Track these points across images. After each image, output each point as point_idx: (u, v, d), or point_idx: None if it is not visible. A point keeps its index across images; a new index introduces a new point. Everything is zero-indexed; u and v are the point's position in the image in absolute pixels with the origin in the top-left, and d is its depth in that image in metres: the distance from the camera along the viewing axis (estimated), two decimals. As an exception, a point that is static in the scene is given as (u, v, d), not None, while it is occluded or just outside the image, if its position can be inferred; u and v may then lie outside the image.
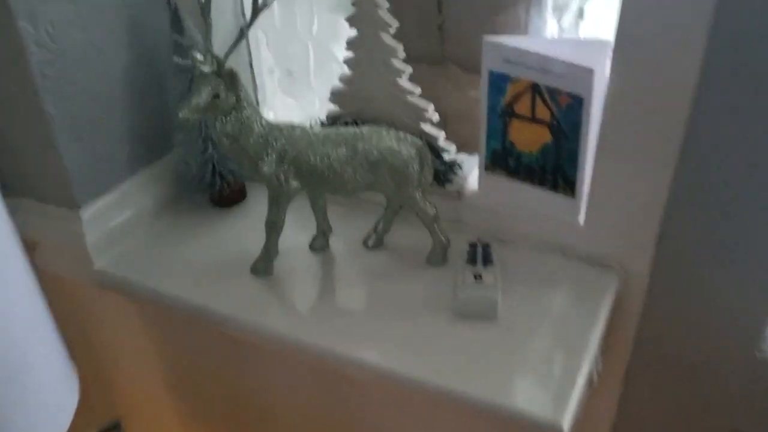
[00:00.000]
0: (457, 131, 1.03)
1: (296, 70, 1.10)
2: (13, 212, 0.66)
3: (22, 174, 0.90)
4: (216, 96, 0.73)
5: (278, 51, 1.09)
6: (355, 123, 0.98)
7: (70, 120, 0.84)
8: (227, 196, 1.00)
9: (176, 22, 0.87)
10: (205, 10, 0.72)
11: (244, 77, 1.08)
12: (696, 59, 0.68)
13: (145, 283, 0.89)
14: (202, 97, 0.73)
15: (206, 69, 0.72)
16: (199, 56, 0.73)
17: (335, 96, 0.99)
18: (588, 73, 0.75)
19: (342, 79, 0.97)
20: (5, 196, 0.69)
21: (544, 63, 0.79)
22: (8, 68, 0.79)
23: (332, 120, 1.01)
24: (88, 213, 0.91)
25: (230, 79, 0.73)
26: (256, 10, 0.72)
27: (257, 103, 1.13)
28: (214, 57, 0.72)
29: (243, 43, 1.05)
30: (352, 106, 0.98)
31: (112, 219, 0.93)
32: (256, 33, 1.07)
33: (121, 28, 0.88)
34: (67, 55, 0.82)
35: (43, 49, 0.78)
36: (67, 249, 0.92)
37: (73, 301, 1.01)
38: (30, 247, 0.73)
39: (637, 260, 0.85)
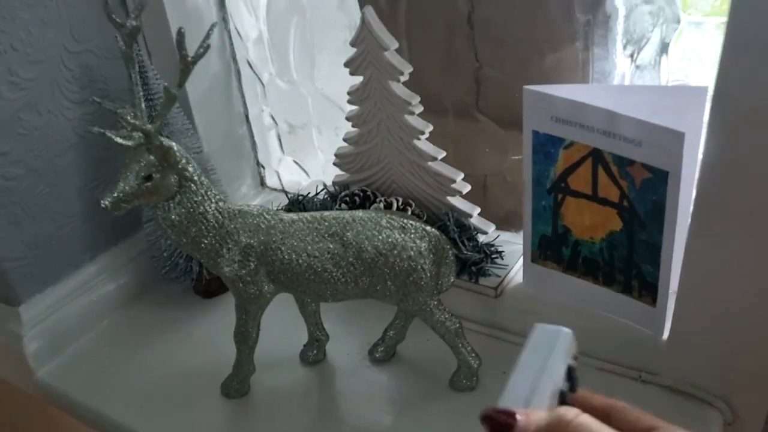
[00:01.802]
0: (500, 203, 0.80)
1: (299, 125, 0.90)
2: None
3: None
4: (147, 178, 0.54)
5: (276, 102, 0.89)
6: (365, 194, 0.77)
7: (2, 199, 0.68)
8: (207, 286, 0.80)
9: (141, 69, 0.68)
10: (126, 56, 0.53)
11: (238, 133, 0.90)
12: None
13: (88, 403, 0.70)
14: (129, 180, 0.54)
15: (127, 142, 0.52)
16: (129, 120, 0.53)
17: (341, 159, 0.78)
18: (676, 138, 0.53)
19: (347, 138, 0.76)
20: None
21: (609, 122, 0.56)
22: None
23: (341, 188, 0.81)
24: (30, 310, 0.74)
25: (162, 156, 0.53)
26: (186, 65, 0.51)
27: (258, 165, 0.93)
28: (137, 126, 0.52)
29: (234, 92, 0.86)
30: (360, 171, 0.77)
31: (62, 316, 0.76)
32: (253, 82, 0.88)
33: (71, 82, 0.71)
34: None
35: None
36: (5, 352, 0.75)
37: (20, 410, 0.83)
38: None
39: (746, 394, 0.62)
